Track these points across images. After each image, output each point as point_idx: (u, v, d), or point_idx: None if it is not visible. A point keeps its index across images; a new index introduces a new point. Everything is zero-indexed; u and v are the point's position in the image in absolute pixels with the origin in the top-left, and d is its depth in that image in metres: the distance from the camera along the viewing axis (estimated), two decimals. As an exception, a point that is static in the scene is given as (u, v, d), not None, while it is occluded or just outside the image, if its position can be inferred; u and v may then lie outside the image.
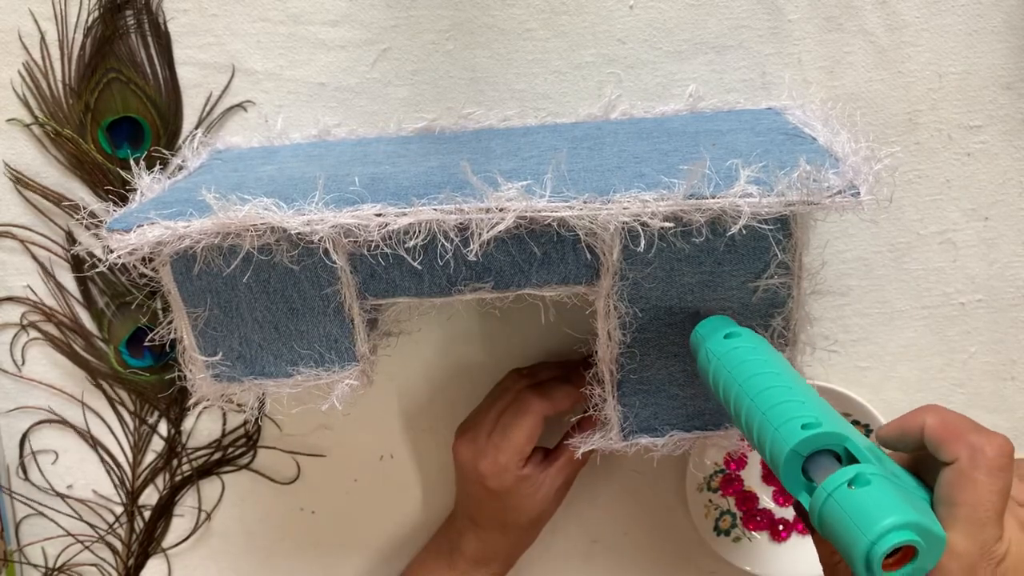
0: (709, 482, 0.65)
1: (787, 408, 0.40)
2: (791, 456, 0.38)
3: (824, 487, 0.36)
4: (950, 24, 0.57)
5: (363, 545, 0.69)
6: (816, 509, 0.36)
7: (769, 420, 0.40)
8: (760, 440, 0.40)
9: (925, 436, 0.40)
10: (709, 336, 0.46)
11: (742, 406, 0.42)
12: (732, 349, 0.45)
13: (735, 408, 0.43)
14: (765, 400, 0.41)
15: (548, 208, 0.44)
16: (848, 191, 0.42)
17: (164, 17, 0.58)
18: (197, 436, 0.66)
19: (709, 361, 0.45)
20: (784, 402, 0.40)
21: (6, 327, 0.64)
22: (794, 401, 0.40)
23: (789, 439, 0.38)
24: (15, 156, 0.60)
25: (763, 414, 0.40)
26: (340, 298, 0.48)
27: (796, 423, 0.39)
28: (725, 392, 0.44)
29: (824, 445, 0.38)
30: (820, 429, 0.38)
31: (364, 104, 0.59)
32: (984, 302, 0.62)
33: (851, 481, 0.36)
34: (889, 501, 0.35)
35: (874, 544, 0.33)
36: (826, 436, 0.38)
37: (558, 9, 0.57)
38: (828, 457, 0.38)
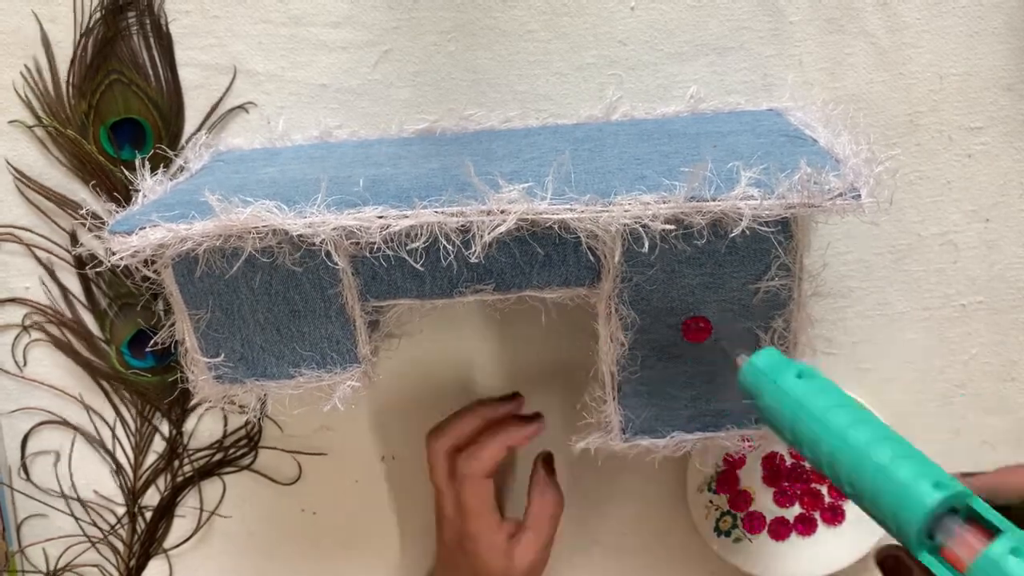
0: (709, 482, 0.65)
1: (907, 463, 0.38)
2: (927, 517, 0.36)
3: (991, 554, 0.35)
4: (951, 26, 0.57)
5: (364, 546, 0.69)
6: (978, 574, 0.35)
7: (891, 476, 0.38)
8: (877, 498, 0.38)
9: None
10: (776, 374, 0.43)
11: (844, 459, 0.40)
12: (813, 392, 0.42)
13: (831, 460, 0.40)
14: (879, 453, 0.39)
15: (549, 210, 0.44)
16: (849, 193, 0.42)
17: (166, 18, 0.58)
18: (199, 437, 0.66)
19: (783, 405, 0.42)
20: (901, 456, 0.39)
21: (8, 328, 0.64)
22: (909, 455, 0.39)
23: (925, 498, 0.37)
24: (17, 157, 0.60)
25: (880, 469, 0.38)
26: (342, 300, 0.48)
27: (927, 481, 0.37)
28: (814, 442, 0.41)
29: (955, 504, 0.37)
30: (955, 489, 0.37)
31: (366, 105, 0.59)
32: (985, 304, 0.62)
33: (1014, 550, 0.35)
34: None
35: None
36: (959, 496, 0.37)
37: (559, 11, 0.57)
38: (950, 516, 0.37)
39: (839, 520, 0.66)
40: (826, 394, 0.42)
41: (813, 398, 0.42)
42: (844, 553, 0.64)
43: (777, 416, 0.43)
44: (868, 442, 0.39)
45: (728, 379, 0.50)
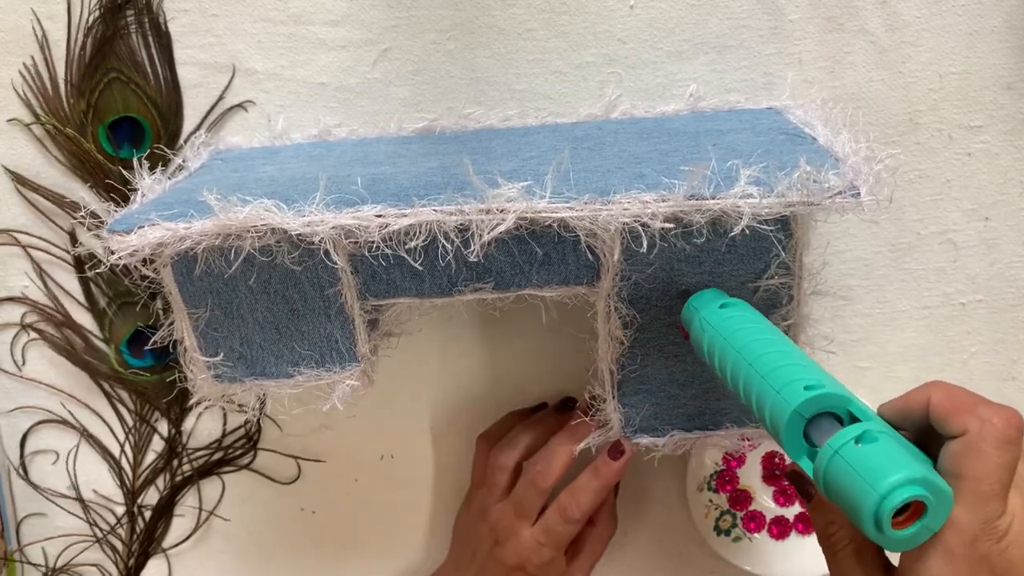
0: (709, 482, 0.65)
1: (788, 371, 0.39)
2: (793, 417, 0.37)
3: (831, 444, 0.35)
4: (951, 24, 0.57)
5: (363, 545, 0.69)
6: (822, 467, 0.35)
7: (769, 383, 0.39)
8: (760, 404, 0.39)
9: (931, 410, 0.39)
10: (703, 307, 0.45)
11: (740, 372, 0.41)
12: (727, 318, 0.44)
13: (732, 375, 0.42)
14: (764, 364, 0.40)
15: (549, 209, 0.44)
16: (848, 192, 0.42)
17: (165, 17, 0.58)
18: (198, 436, 0.66)
19: (703, 331, 0.44)
20: (784, 366, 0.39)
21: (7, 327, 0.64)
22: (794, 365, 0.39)
23: (791, 400, 0.37)
24: (16, 156, 0.60)
25: (762, 378, 0.39)
26: (341, 299, 0.48)
27: (798, 385, 0.38)
28: (721, 360, 0.43)
29: (827, 406, 0.37)
30: (824, 390, 0.37)
31: (365, 104, 0.59)
32: (984, 302, 0.62)
33: (858, 438, 0.35)
34: (898, 457, 0.34)
35: (884, 499, 0.33)
36: (829, 397, 0.37)
37: (558, 9, 0.57)
38: (830, 420, 0.37)
39: (839, 519, 0.65)
40: (739, 318, 0.43)
41: (726, 321, 0.43)
42: (844, 552, 0.64)
43: (699, 341, 0.45)
44: (761, 355, 0.40)
45: None
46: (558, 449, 0.56)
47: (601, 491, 0.55)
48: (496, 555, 0.57)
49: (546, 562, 0.56)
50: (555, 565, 0.56)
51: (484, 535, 0.58)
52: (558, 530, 0.55)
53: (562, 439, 0.56)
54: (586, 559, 0.60)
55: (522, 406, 0.65)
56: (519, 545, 0.56)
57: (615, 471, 0.54)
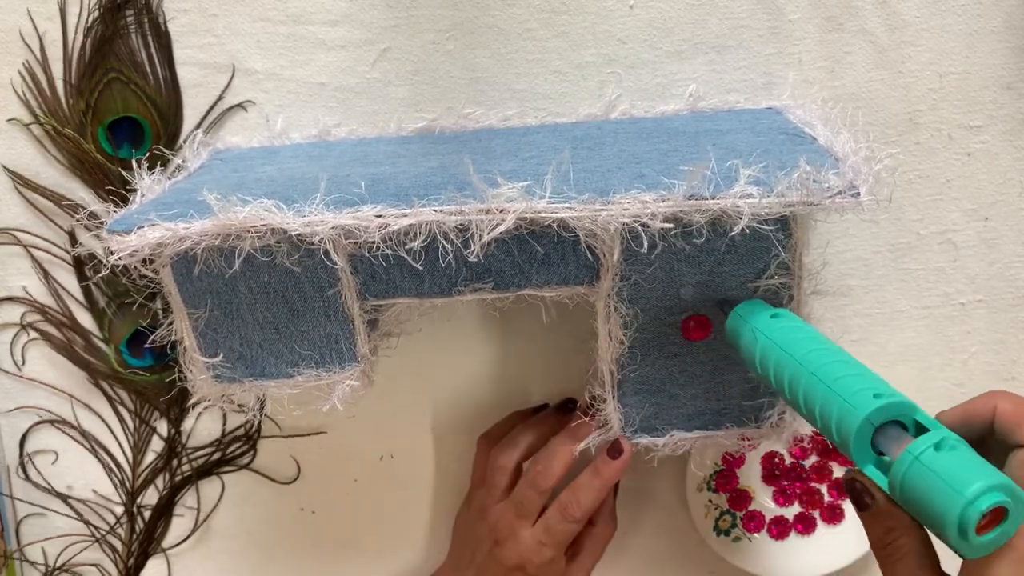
0: (709, 482, 0.65)
1: (853, 380, 0.39)
2: (863, 425, 0.37)
3: (911, 450, 0.35)
4: (950, 24, 0.57)
5: (363, 545, 0.69)
6: (900, 473, 0.35)
7: (836, 391, 0.39)
8: (825, 413, 0.39)
9: (998, 419, 0.40)
10: (753, 316, 0.45)
11: (800, 381, 0.41)
12: (781, 328, 0.44)
13: (791, 384, 0.42)
14: (828, 373, 0.40)
15: (548, 209, 0.44)
16: (848, 191, 0.42)
17: (164, 17, 0.58)
18: (197, 436, 0.66)
19: (756, 340, 0.44)
20: (849, 375, 0.40)
21: (6, 327, 0.63)
22: (858, 374, 0.40)
23: (861, 408, 0.37)
24: (15, 156, 0.60)
25: (828, 387, 0.40)
26: (341, 299, 0.48)
27: (867, 393, 0.38)
28: (777, 369, 0.43)
29: (897, 415, 0.38)
30: (894, 398, 0.38)
31: (364, 104, 0.59)
32: (984, 302, 0.62)
33: (937, 445, 0.35)
34: (979, 464, 0.34)
35: (971, 504, 0.33)
36: (899, 405, 0.38)
37: (558, 9, 0.57)
38: (897, 429, 0.38)
39: (838, 519, 0.65)
40: (794, 328, 0.44)
41: (780, 331, 0.44)
42: (844, 552, 0.64)
43: (751, 352, 0.45)
44: (824, 364, 0.41)
45: (728, 378, 0.51)
46: (558, 449, 0.56)
47: (602, 490, 0.55)
48: (496, 555, 0.57)
49: (546, 562, 0.56)
50: (555, 565, 0.56)
51: (484, 535, 0.58)
52: (559, 529, 0.55)
53: (562, 439, 0.56)
54: (586, 559, 0.60)
55: (522, 406, 0.65)
56: (519, 545, 0.56)
57: (615, 470, 0.54)
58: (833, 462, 0.65)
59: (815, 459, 0.65)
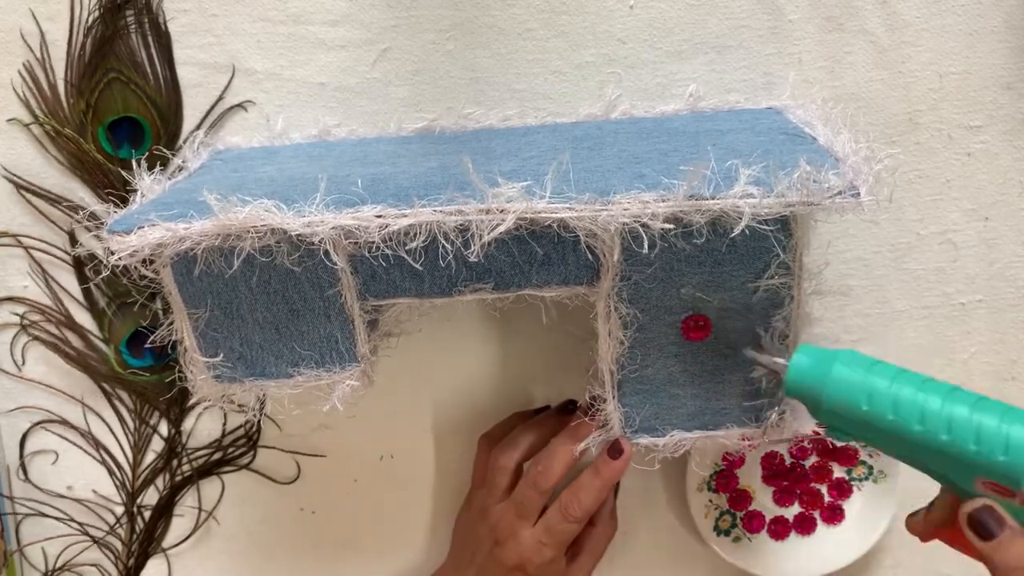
0: (709, 482, 0.65)
1: (998, 410, 0.41)
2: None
3: None
4: (950, 24, 0.57)
5: (363, 545, 0.69)
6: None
7: (1016, 417, 0.40)
8: (979, 445, 0.40)
9: None
10: (828, 366, 0.44)
11: (943, 414, 0.41)
12: (900, 371, 0.44)
13: (929, 430, 0.42)
14: (990, 406, 0.41)
15: (548, 209, 0.44)
16: (848, 191, 0.42)
17: (164, 17, 0.58)
18: (197, 436, 0.66)
19: (854, 393, 0.43)
20: (1010, 408, 0.41)
21: (6, 327, 0.63)
22: (998, 404, 0.41)
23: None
24: (15, 156, 0.60)
25: (1004, 413, 0.41)
26: (341, 299, 0.48)
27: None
28: (909, 415, 0.42)
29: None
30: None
31: (364, 104, 0.59)
32: (984, 302, 0.62)
33: None
34: None
35: None
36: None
37: (558, 9, 0.57)
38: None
39: (838, 519, 0.65)
40: (913, 372, 0.44)
41: (903, 375, 0.43)
42: (844, 552, 0.64)
43: (849, 408, 0.43)
44: (977, 399, 0.42)
45: (728, 377, 0.51)
46: (559, 450, 0.56)
47: (602, 490, 0.55)
48: (496, 556, 0.57)
49: (547, 562, 0.56)
50: (555, 565, 0.56)
51: (484, 535, 0.58)
52: (559, 528, 0.55)
53: (563, 440, 0.56)
54: (587, 559, 0.60)
55: (522, 406, 0.65)
56: (519, 545, 0.56)
57: (615, 470, 0.54)
58: (833, 462, 0.65)
59: (815, 459, 0.65)
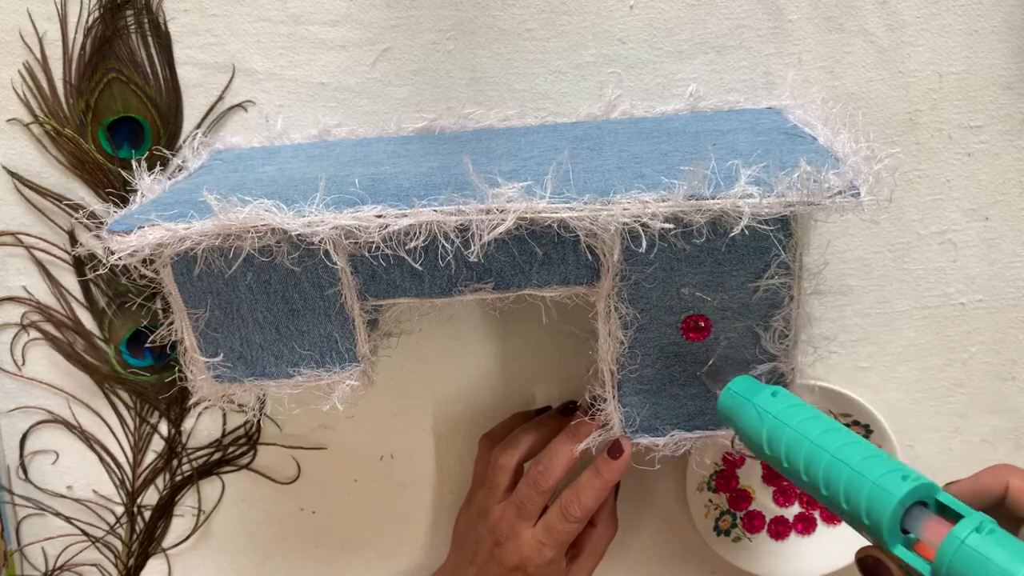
0: (709, 482, 0.65)
1: (877, 462, 0.40)
2: (897, 508, 0.38)
3: (956, 534, 0.36)
4: (950, 24, 0.57)
5: (363, 545, 0.69)
6: (947, 557, 0.36)
7: (863, 474, 0.40)
8: (851, 496, 0.40)
9: (1011, 496, 0.41)
10: (754, 395, 0.46)
11: (819, 463, 0.42)
12: (788, 407, 0.45)
13: (807, 466, 0.42)
14: (850, 455, 0.41)
15: (548, 209, 0.44)
16: (848, 191, 0.42)
17: (164, 17, 0.58)
18: (197, 436, 0.66)
19: (763, 420, 0.45)
20: (870, 457, 0.41)
21: (6, 327, 0.64)
22: (878, 455, 0.41)
23: (894, 490, 0.38)
24: (16, 156, 0.60)
25: (853, 469, 0.40)
26: (341, 299, 0.48)
27: (895, 475, 0.39)
28: (790, 451, 0.43)
29: (923, 496, 0.39)
30: (922, 480, 0.39)
31: (364, 104, 0.59)
32: (984, 302, 0.62)
33: (978, 528, 0.36)
34: (1020, 546, 0.36)
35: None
36: (926, 487, 0.39)
37: (558, 9, 0.57)
38: (920, 508, 0.39)
39: (838, 519, 0.65)
40: (799, 408, 0.45)
41: (788, 412, 0.44)
42: (843, 552, 0.64)
43: (756, 432, 0.45)
44: (841, 446, 0.42)
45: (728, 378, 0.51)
46: (559, 450, 0.56)
47: (603, 490, 0.55)
48: (497, 555, 0.57)
49: (547, 562, 0.56)
50: (556, 565, 0.56)
51: (484, 535, 0.58)
52: (560, 529, 0.55)
53: (563, 440, 0.56)
54: (587, 560, 0.60)
55: (523, 406, 0.65)
56: (520, 545, 0.56)
57: (615, 470, 0.54)
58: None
59: (815, 459, 0.65)
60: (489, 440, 0.62)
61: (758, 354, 0.50)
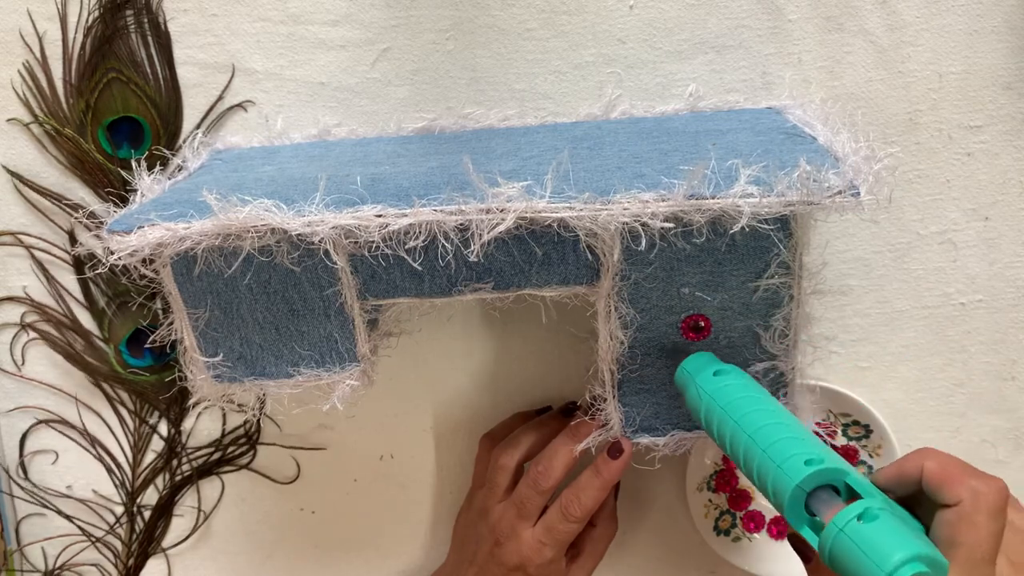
0: (709, 482, 0.65)
1: (787, 445, 0.41)
2: (796, 492, 0.39)
3: (835, 523, 0.37)
4: (950, 24, 0.57)
5: (363, 545, 0.69)
6: (827, 545, 0.37)
7: (770, 457, 0.41)
8: (761, 477, 0.41)
9: (925, 479, 0.41)
10: (697, 373, 0.47)
11: (739, 443, 0.43)
12: (723, 386, 0.46)
13: (731, 445, 0.44)
14: (764, 437, 0.42)
15: (548, 209, 0.44)
16: (848, 191, 0.42)
17: (164, 17, 0.58)
18: (197, 436, 0.66)
19: (700, 399, 0.46)
20: (783, 439, 0.41)
21: (6, 327, 0.64)
22: (793, 438, 0.41)
23: (793, 475, 0.39)
24: (16, 156, 0.60)
25: (763, 451, 0.41)
26: (341, 299, 0.48)
27: (799, 459, 0.40)
28: (720, 429, 0.45)
29: (827, 480, 0.39)
30: (824, 465, 0.39)
31: (364, 104, 0.59)
32: (984, 302, 0.62)
33: (860, 516, 0.37)
34: (899, 534, 0.36)
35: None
36: (829, 472, 0.39)
37: (558, 9, 0.57)
38: (829, 492, 0.39)
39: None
40: (735, 388, 0.45)
41: (722, 391, 0.45)
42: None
43: (696, 408, 0.47)
44: (759, 428, 0.42)
45: None
46: (560, 449, 0.56)
47: (603, 490, 0.55)
48: (497, 555, 0.57)
49: (547, 562, 0.56)
50: (556, 565, 0.56)
51: (484, 535, 0.58)
52: (560, 529, 0.55)
53: (563, 440, 0.56)
54: (587, 560, 0.60)
55: (522, 406, 0.65)
56: (520, 545, 0.56)
57: (615, 470, 0.54)
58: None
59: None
60: (489, 440, 0.62)
61: (758, 354, 0.50)
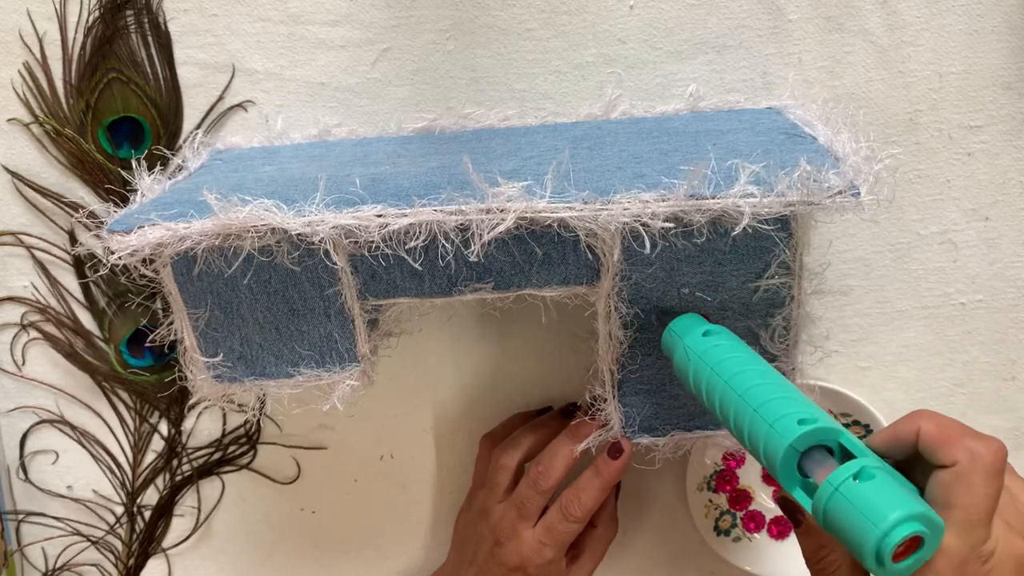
0: (709, 482, 0.65)
1: (779, 404, 0.40)
2: (788, 452, 0.38)
3: (830, 481, 0.36)
4: (950, 24, 0.57)
5: (363, 545, 0.69)
6: (822, 503, 0.36)
7: (762, 416, 0.40)
8: (752, 437, 0.40)
9: (921, 440, 0.41)
10: (686, 334, 0.46)
11: (729, 404, 0.42)
12: (712, 347, 0.45)
13: (721, 406, 0.43)
14: (755, 397, 0.41)
15: (548, 209, 0.44)
16: (849, 191, 0.42)
17: (164, 17, 0.58)
18: (197, 436, 0.66)
19: (688, 359, 0.45)
20: (775, 398, 0.40)
21: (7, 327, 0.64)
22: (785, 397, 0.40)
23: (786, 435, 0.38)
24: (16, 156, 0.60)
25: (755, 411, 0.40)
26: (341, 299, 0.48)
27: (792, 419, 0.39)
28: (708, 390, 0.44)
29: (821, 440, 0.38)
30: (817, 424, 0.38)
31: (364, 104, 0.59)
32: (984, 302, 0.62)
33: (856, 475, 0.36)
34: (896, 494, 0.35)
35: (886, 536, 0.34)
36: (823, 431, 0.38)
37: (558, 9, 0.57)
38: (822, 452, 0.38)
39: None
40: (725, 347, 0.44)
41: (711, 350, 0.44)
42: (844, 552, 0.64)
43: (683, 369, 0.46)
44: (750, 387, 0.41)
45: None
46: (560, 450, 0.56)
47: (603, 490, 0.55)
48: (497, 555, 0.57)
49: (547, 562, 0.56)
50: (556, 566, 0.56)
51: (485, 535, 0.58)
52: (560, 529, 0.55)
53: (564, 440, 0.56)
54: (587, 561, 0.60)
55: (522, 406, 0.65)
56: (520, 545, 0.56)
57: (616, 470, 0.54)
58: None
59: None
60: (490, 440, 0.62)
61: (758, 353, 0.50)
